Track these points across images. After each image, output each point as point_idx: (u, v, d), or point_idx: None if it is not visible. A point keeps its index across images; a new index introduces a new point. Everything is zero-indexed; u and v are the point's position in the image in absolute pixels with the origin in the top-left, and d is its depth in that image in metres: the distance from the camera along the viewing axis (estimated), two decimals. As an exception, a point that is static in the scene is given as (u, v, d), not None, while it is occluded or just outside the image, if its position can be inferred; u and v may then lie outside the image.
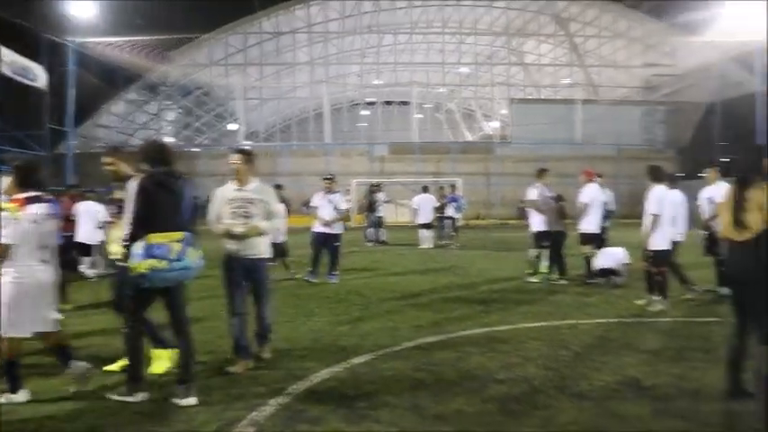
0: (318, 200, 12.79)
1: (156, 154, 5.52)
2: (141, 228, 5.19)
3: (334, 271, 12.70)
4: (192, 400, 5.20)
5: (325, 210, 12.53)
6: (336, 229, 12.66)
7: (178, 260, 5.13)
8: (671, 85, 43.93)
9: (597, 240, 12.06)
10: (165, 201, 5.31)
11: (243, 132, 47.40)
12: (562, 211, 12.37)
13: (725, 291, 10.20)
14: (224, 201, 6.34)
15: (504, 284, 12.06)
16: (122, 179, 5.84)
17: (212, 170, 36.70)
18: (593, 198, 11.86)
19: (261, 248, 6.41)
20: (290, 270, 13.19)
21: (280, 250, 13.42)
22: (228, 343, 6.42)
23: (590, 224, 11.87)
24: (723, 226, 5.37)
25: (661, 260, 9.43)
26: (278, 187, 14.37)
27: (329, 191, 12.68)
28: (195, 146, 50.48)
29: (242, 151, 6.48)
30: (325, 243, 12.59)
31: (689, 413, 4.88)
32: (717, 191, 10.39)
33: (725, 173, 10.41)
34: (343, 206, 12.94)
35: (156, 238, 5.12)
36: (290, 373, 6.05)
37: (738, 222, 5.11)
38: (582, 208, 11.87)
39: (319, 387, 5.63)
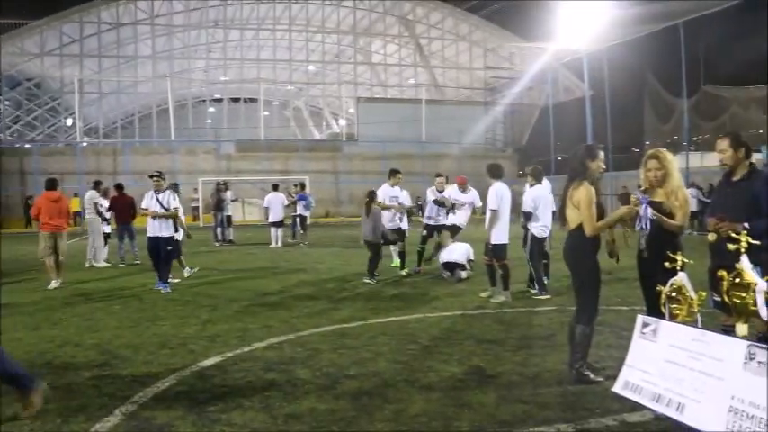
0: (147, 200, 11.60)
1: None
2: None
3: (165, 280, 11.38)
4: None
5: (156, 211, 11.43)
6: (166, 231, 11.43)
7: None
8: (509, 88, 46.17)
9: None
10: None
11: (80, 128, 44.77)
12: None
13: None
14: None
15: (353, 281, 12.19)
16: None
17: (46, 168, 34.52)
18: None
19: None
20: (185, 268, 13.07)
21: (177, 248, 12.97)
22: (68, 352, 6.06)
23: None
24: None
25: (501, 253, 9.86)
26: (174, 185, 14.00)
27: (158, 190, 11.57)
28: (27, 142, 47.14)
29: None
30: (158, 248, 11.40)
31: (530, 397, 5.15)
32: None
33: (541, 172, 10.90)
34: (174, 205, 11.59)
35: None
36: (135, 379, 5.81)
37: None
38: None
39: (167, 393, 5.44)
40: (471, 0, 47.28)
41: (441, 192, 13.06)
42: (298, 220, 22.21)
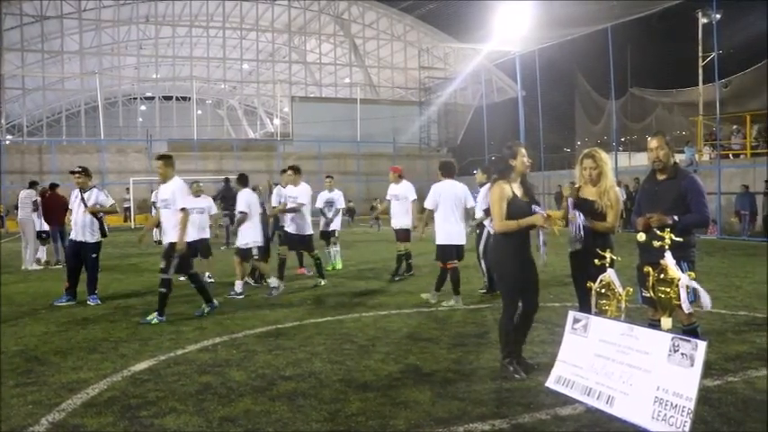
0: (72, 200, 10.24)
1: None
2: None
3: (93, 291, 10.12)
4: None
5: (79, 212, 10.04)
6: (90, 236, 10.00)
7: None
8: (444, 88, 46.63)
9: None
10: None
11: (2, 125, 43.10)
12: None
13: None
14: None
15: (287, 281, 12.07)
16: None
17: (-34, 167, 33.15)
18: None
19: None
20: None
21: (205, 249, 12.32)
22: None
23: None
24: None
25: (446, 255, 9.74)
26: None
27: (82, 188, 10.16)
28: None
29: None
30: (79, 254, 10.06)
31: (465, 394, 5.22)
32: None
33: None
34: (108, 203, 10.38)
35: None
36: (63, 386, 5.63)
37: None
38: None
39: (97, 399, 5.29)
40: (406, 0, 47.62)
41: None
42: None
